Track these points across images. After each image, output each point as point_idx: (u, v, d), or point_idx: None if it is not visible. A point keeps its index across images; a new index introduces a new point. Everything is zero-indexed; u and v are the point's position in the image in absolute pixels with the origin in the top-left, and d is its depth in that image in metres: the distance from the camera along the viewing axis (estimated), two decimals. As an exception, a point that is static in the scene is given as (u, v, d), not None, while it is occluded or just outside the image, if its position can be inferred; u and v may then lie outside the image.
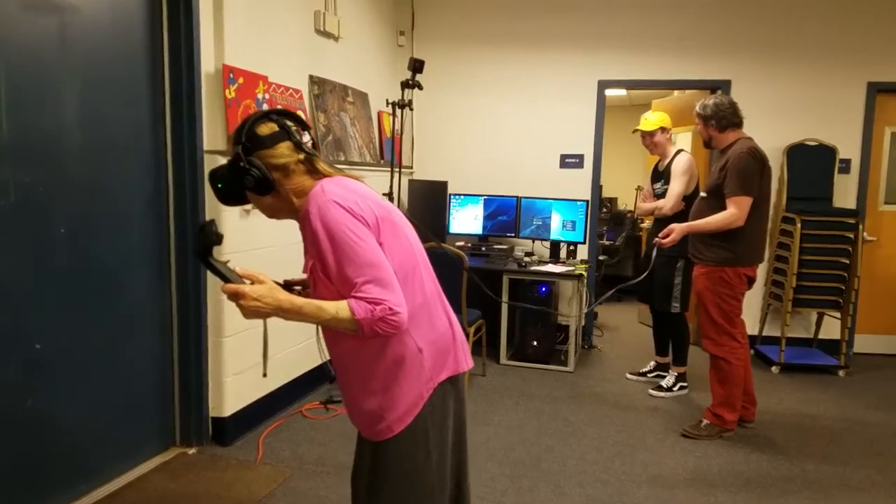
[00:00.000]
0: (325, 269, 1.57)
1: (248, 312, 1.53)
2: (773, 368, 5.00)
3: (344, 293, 1.54)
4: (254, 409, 3.66)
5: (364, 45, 4.96)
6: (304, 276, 1.77)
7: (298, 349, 4.04)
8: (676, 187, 4.32)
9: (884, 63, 5.21)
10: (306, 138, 1.71)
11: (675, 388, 4.45)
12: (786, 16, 5.26)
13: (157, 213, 3.22)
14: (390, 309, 1.50)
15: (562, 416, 4.02)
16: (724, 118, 3.70)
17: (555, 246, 5.27)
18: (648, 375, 4.78)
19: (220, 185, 1.69)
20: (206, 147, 3.29)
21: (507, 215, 5.35)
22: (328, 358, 1.79)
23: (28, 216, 2.53)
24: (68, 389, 2.74)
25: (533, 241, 5.46)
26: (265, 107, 3.63)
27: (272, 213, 1.77)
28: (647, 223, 6.35)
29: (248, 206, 3.44)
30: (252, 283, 1.55)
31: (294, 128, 1.69)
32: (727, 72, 5.33)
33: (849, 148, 5.29)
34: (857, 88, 5.24)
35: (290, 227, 3.77)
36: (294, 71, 4.01)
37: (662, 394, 4.44)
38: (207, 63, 3.29)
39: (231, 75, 3.37)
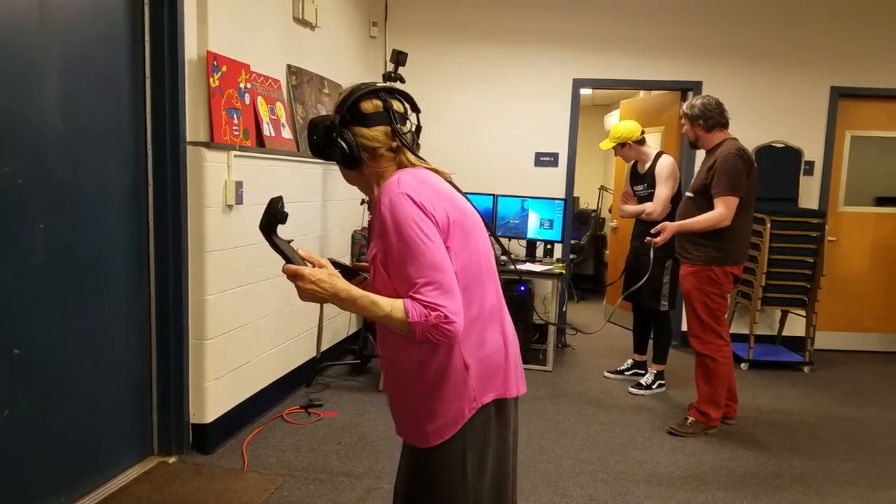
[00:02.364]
0: (387, 263, 1.50)
1: (305, 295, 1.49)
2: (742, 365, 5.11)
3: (401, 291, 1.47)
4: (234, 415, 3.49)
5: (339, 36, 4.82)
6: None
7: (276, 351, 3.89)
8: (664, 192, 4.35)
9: (846, 68, 5.40)
10: (407, 125, 1.65)
11: (654, 386, 4.49)
12: (755, 21, 5.38)
13: (136, 207, 3.02)
14: (446, 317, 1.41)
15: (548, 415, 3.99)
16: (712, 118, 3.73)
17: (531, 244, 5.24)
18: (626, 373, 4.80)
19: (314, 137, 1.62)
20: (188, 138, 3.11)
21: (483, 213, 5.28)
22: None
23: (8, 209, 2.32)
24: (46, 397, 2.53)
25: (509, 240, 5.42)
26: (246, 98, 3.46)
27: (352, 184, 1.73)
28: (615, 222, 6.41)
29: (231, 203, 3.31)
30: (313, 267, 1.51)
31: (399, 111, 1.63)
32: (699, 73, 5.42)
33: (813, 150, 5.46)
34: (821, 92, 5.42)
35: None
36: (272, 60, 3.85)
37: (642, 392, 4.47)
38: (191, 49, 3.11)
39: (215, 63, 3.19)
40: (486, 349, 1.60)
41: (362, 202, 4.60)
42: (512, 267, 4.17)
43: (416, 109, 1.69)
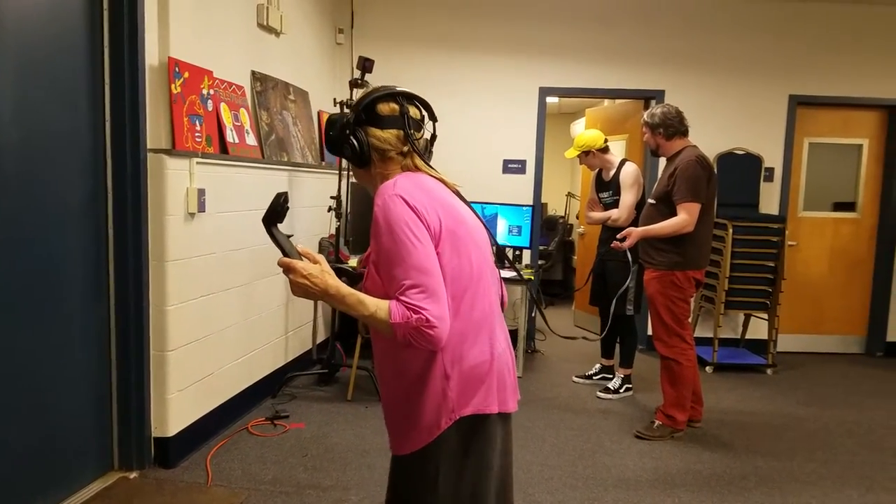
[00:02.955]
0: (377, 263, 1.53)
1: (297, 289, 1.48)
2: (707, 368, 5.17)
3: (389, 293, 1.47)
4: (197, 428, 3.42)
5: (305, 42, 4.79)
6: None
7: (240, 362, 3.82)
8: (629, 199, 4.40)
9: (804, 77, 5.54)
10: (423, 133, 1.69)
11: (622, 390, 4.52)
12: (716, 31, 5.50)
13: (95, 216, 2.94)
14: (427, 320, 1.40)
15: (518, 421, 3.95)
16: (672, 126, 3.78)
17: (500, 251, 5.25)
18: (594, 378, 4.83)
19: (330, 133, 1.66)
20: (149, 145, 3.05)
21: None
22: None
23: (-40, 219, 2.24)
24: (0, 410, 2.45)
25: (476, 246, 5.41)
26: (209, 104, 3.41)
27: (360, 181, 1.74)
28: (583, 229, 6.46)
29: (193, 211, 3.25)
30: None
31: (415, 118, 1.65)
32: (662, 82, 5.51)
33: (772, 157, 5.58)
34: (779, 101, 5.56)
35: (232, 234, 3.59)
36: (236, 66, 3.80)
37: (610, 396, 4.50)
38: (151, 56, 3.05)
39: (177, 69, 3.14)
40: (469, 361, 1.56)
41: (329, 209, 4.55)
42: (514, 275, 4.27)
43: (433, 118, 1.72)
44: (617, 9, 5.49)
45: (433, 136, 1.73)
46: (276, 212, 1.52)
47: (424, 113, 1.70)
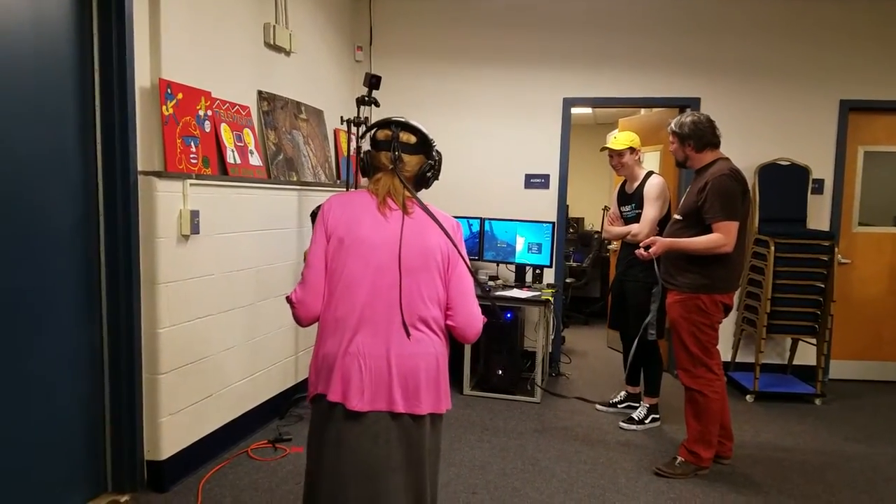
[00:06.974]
0: None
1: None
2: (748, 397, 4.82)
3: None
4: (194, 451, 3.36)
5: (319, 60, 4.73)
6: None
7: (244, 383, 3.76)
8: (651, 213, 4.11)
9: (856, 81, 5.11)
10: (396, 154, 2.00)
11: (647, 421, 4.23)
12: (756, 33, 5.14)
13: (86, 239, 2.93)
14: (292, 300, 1.94)
15: (528, 453, 3.76)
16: (703, 137, 3.51)
17: (520, 269, 5.05)
18: (619, 406, 4.55)
19: None
20: (140, 167, 3.02)
21: (470, 237, 5.10)
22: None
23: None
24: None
25: (497, 265, 5.23)
26: (207, 125, 3.37)
27: None
28: (614, 245, 6.17)
29: (187, 233, 3.20)
30: None
31: (410, 143, 2.00)
32: (696, 89, 5.19)
33: (822, 168, 5.16)
34: (829, 107, 5.13)
35: (233, 255, 3.53)
36: (241, 86, 3.76)
37: (633, 426, 4.21)
38: (143, 77, 3.03)
39: (169, 90, 3.11)
40: (324, 348, 1.92)
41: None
42: (489, 292, 4.07)
43: (431, 141, 2.06)
44: (645, 14, 5.21)
45: (440, 158, 2.09)
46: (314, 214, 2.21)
47: (429, 139, 2.05)
